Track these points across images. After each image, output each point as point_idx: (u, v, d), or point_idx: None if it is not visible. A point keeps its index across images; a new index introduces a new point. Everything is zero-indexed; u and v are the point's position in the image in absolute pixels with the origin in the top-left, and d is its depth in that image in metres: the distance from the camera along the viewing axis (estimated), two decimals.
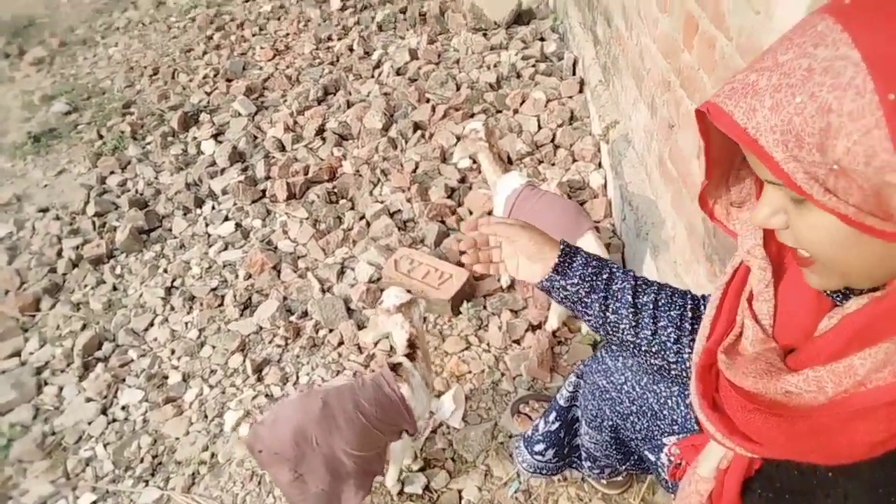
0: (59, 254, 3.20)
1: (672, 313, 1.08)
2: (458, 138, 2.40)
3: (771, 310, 0.83)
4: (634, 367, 1.32)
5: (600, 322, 1.11)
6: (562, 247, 1.12)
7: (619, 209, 2.67)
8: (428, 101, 3.66)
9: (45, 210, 3.55)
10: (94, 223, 3.35)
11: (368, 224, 2.96)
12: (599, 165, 3.02)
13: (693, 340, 1.10)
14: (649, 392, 1.30)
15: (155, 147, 3.87)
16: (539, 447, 1.65)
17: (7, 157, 4.07)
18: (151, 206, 3.41)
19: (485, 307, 2.50)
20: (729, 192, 0.87)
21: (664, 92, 2.16)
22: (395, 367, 1.75)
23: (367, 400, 1.65)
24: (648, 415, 1.32)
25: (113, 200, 3.49)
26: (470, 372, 2.28)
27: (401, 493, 1.95)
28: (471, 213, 2.92)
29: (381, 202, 3.07)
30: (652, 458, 1.37)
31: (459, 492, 1.95)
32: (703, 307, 1.11)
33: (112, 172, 3.74)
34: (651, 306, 1.08)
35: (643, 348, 1.10)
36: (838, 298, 0.77)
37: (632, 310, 1.08)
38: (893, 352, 0.63)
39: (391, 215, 2.99)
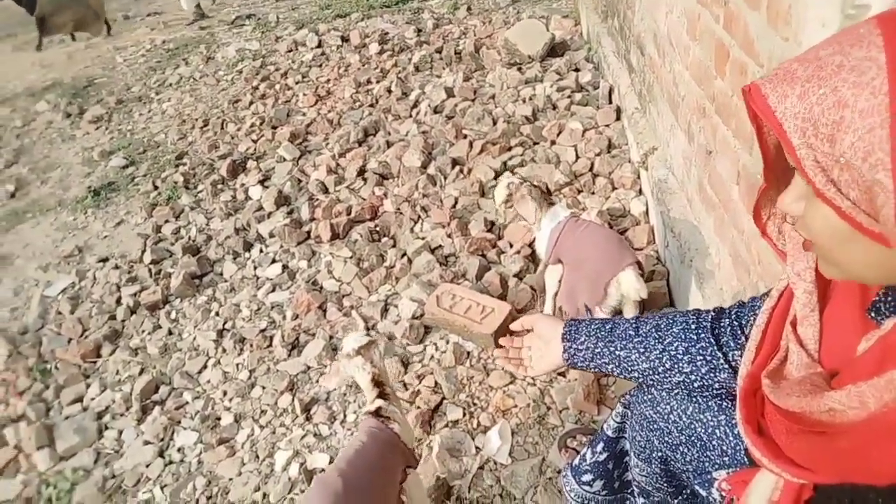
0: (119, 301, 3.35)
1: (674, 329, 1.19)
2: (496, 175, 2.43)
3: (816, 335, 0.83)
4: (680, 395, 1.29)
5: (619, 366, 1.26)
6: (566, 320, 1.31)
7: (661, 236, 2.64)
8: (465, 136, 3.72)
9: (104, 260, 3.73)
10: (150, 270, 3.49)
11: (410, 261, 3.00)
12: (640, 192, 3.00)
13: (705, 349, 1.17)
14: (696, 421, 1.27)
15: (206, 195, 4.04)
16: (587, 477, 1.61)
17: (69, 211, 4.31)
18: (203, 252, 3.54)
19: None
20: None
21: (700, 118, 2.15)
22: (376, 413, 1.77)
23: (374, 455, 1.67)
24: (697, 445, 1.28)
25: (167, 248, 3.64)
26: (516, 406, 2.27)
27: None
28: (511, 245, 2.93)
29: (422, 238, 3.11)
30: (703, 493, 1.33)
31: None
32: (708, 317, 1.19)
33: (167, 221, 3.91)
34: (654, 330, 1.21)
35: (660, 371, 1.20)
36: (880, 320, 0.75)
37: (637, 340, 1.21)
38: None
39: (432, 251, 3.02)
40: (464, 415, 2.28)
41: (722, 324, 1.17)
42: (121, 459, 2.48)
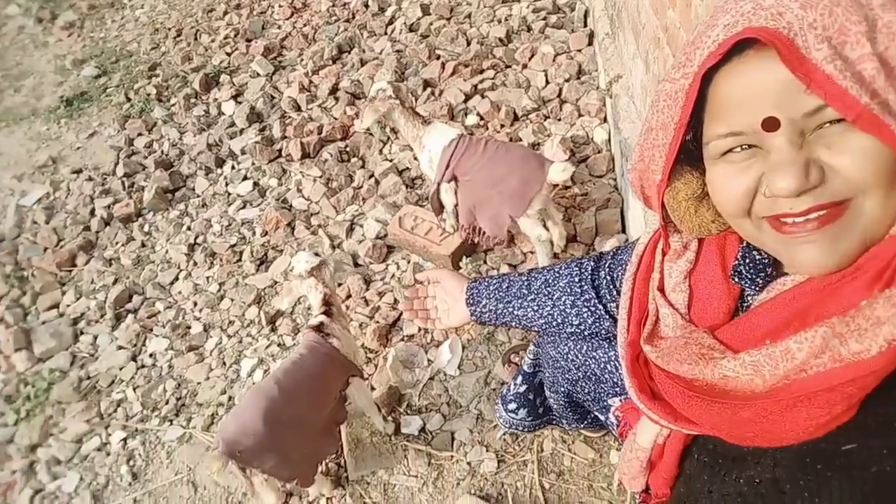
0: (93, 213, 3.41)
1: (560, 283, 1.25)
2: (370, 99, 2.35)
3: (686, 299, 0.87)
4: (576, 336, 1.39)
5: (520, 322, 1.32)
6: (468, 282, 1.36)
7: (619, 164, 2.71)
8: (438, 57, 3.69)
9: (78, 171, 3.76)
10: (123, 183, 3.54)
11: (377, 182, 3.07)
12: (605, 120, 3.04)
13: (588, 301, 1.23)
14: (590, 359, 1.38)
15: (179, 109, 4.02)
16: (512, 406, 1.73)
17: (43, 120, 4.28)
18: (176, 167, 3.57)
19: (484, 262, 2.60)
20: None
21: (655, 48, 2.18)
22: (318, 328, 1.88)
23: (310, 365, 1.80)
24: (593, 379, 1.41)
25: (140, 161, 3.67)
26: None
27: (398, 433, 2.11)
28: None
29: (390, 160, 3.17)
30: (602, 418, 1.48)
31: (452, 433, 2.10)
32: (588, 268, 1.23)
33: (139, 134, 3.91)
34: (543, 286, 1.28)
35: (554, 325, 1.28)
36: (747, 284, 0.80)
37: (531, 297, 1.28)
38: (830, 336, 0.63)
39: (399, 173, 3.09)
40: (419, 330, 2.42)
41: (600, 275, 1.23)
42: (95, 362, 2.63)
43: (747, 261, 0.80)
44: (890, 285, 0.61)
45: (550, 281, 1.28)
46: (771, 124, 0.60)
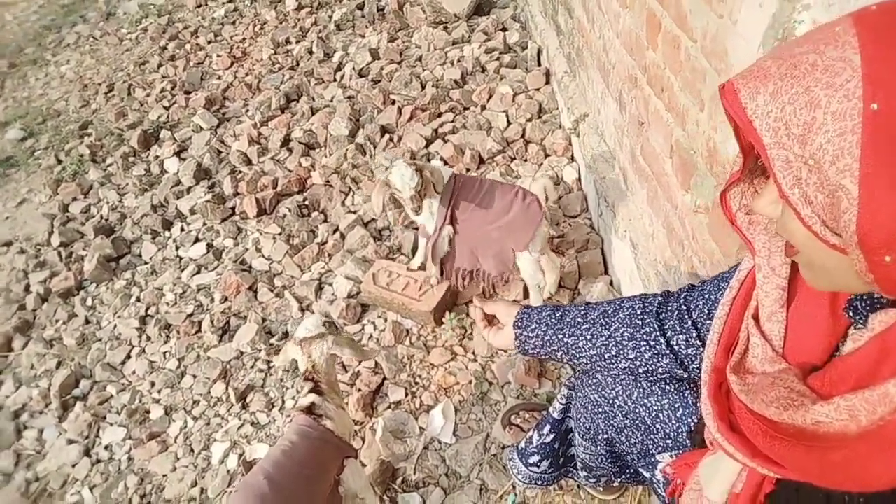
0: (27, 289, 3.12)
1: (621, 315, 1.20)
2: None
3: (782, 331, 0.82)
4: (625, 381, 1.30)
5: (567, 353, 1.26)
6: (520, 307, 1.33)
7: (595, 204, 2.66)
8: (393, 102, 3.60)
9: (8, 244, 3.45)
10: (60, 254, 3.26)
11: (343, 236, 2.91)
12: (572, 159, 3.00)
13: (649, 334, 1.18)
14: (640, 406, 1.28)
15: (116, 169, 3.77)
16: (534, 459, 1.63)
17: None
18: (118, 232, 3.32)
19: (467, 315, 2.47)
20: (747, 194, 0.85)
21: (632, 88, 2.14)
22: (309, 409, 1.73)
23: (301, 454, 1.63)
24: (642, 429, 1.31)
25: (77, 228, 3.40)
26: (458, 383, 2.26)
27: None
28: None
29: (354, 212, 3.02)
30: (647, 475, 1.36)
31: None
32: (655, 301, 1.20)
33: (74, 199, 3.64)
34: (601, 317, 1.23)
35: (607, 358, 1.21)
36: (859, 319, 0.74)
37: (585, 327, 1.23)
38: None
39: (365, 225, 2.94)
40: (406, 395, 2.26)
41: (669, 307, 1.17)
42: (44, 461, 2.34)
43: (864, 295, 0.74)
44: None
45: (610, 312, 1.22)
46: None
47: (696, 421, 1.24)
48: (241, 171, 3.49)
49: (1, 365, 2.78)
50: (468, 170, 3.06)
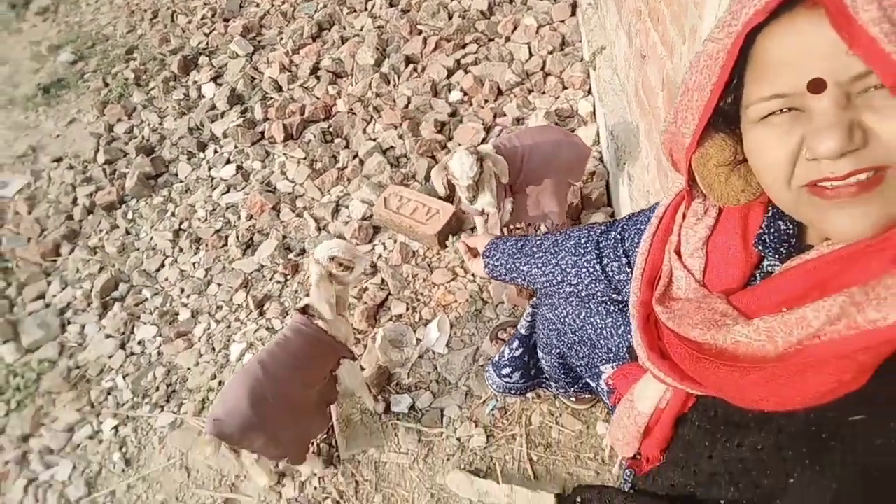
0: (75, 201, 3.37)
1: (568, 244, 1.29)
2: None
3: (702, 265, 0.87)
4: (574, 302, 1.41)
5: (524, 279, 1.39)
6: (489, 240, 1.48)
7: (604, 137, 2.70)
8: (420, 32, 3.64)
9: (59, 160, 3.71)
10: (104, 171, 3.50)
11: (362, 162, 3.04)
12: (589, 92, 3.02)
13: (589, 262, 1.26)
14: (587, 324, 1.40)
15: (158, 93, 3.96)
16: (506, 370, 1.77)
17: (21, 109, 4.21)
18: (158, 152, 3.53)
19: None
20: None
21: (637, 20, 2.15)
22: (304, 310, 1.87)
23: (294, 346, 1.80)
24: (588, 344, 1.42)
25: (121, 148, 3.62)
26: (456, 301, 2.41)
27: (388, 412, 2.12)
28: (460, 146, 2.97)
29: (374, 139, 3.14)
30: (593, 384, 1.49)
31: (442, 410, 2.11)
32: (597, 231, 1.27)
33: (119, 120, 3.85)
34: (552, 246, 1.33)
35: (554, 283, 1.33)
36: (769, 253, 0.80)
37: (538, 255, 1.34)
38: (848, 305, 0.62)
39: (384, 152, 3.06)
40: (407, 309, 2.42)
41: (609, 236, 1.25)
42: (84, 352, 2.62)
43: (772, 230, 0.79)
44: None
45: (560, 241, 1.33)
46: (818, 86, 0.59)
47: None
48: (271, 98, 3.63)
49: (49, 268, 3.06)
50: (486, 101, 3.12)
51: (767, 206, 0.82)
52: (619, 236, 1.23)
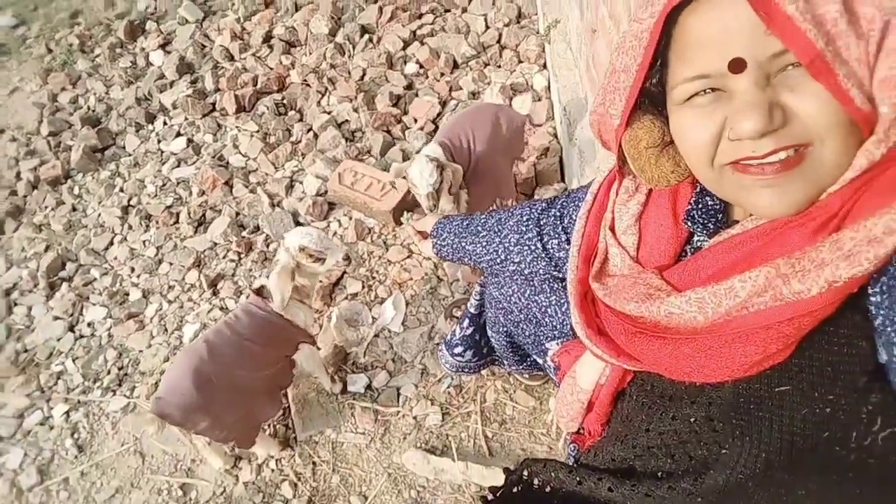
0: (18, 176, 3.26)
1: (511, 222, 1.31)
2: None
3: (636, 241, 0.90)
4: (519, 280, 1.43)
5: (470, 258, 1.40)
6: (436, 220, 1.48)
7: (558, 112, 2.70)
8: (376, 1, 3.55)
9: (0, 132, 3.55)
10: (49, 143, 3.37)
11: (316, 136, 2.99)
12: (544, 66, 3.00)
13: (530, 239, 1.28)
14: (532, 302, 1.42)
15: (104, 60, 3.81)
16: (458, 350, 1.79)
17: None
18: (104, 124, 3.41)
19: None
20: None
21: None
22: (259, 291, 1.85)
23: (244, 327, 1.78)
24: (534, 322, 1.45)
25: (66, 119, 3.49)
26: (411, 279, 2.41)
27: (344, 391, 2.14)
28: (415, 121, 2.94)
29: (329, 112, 3.08)
30: (540, 361, 1.52)
31: (398, 389, 2.13)
32: (538, 208, 1.28)
33: (63, 89, 3.70)
34: (496, 224, 1.35)
35: (498, 262, 1.35)
36: (698, 229, 0.82)
37: (483, 234, 1.36)
38: (774, 276, 0.64)
39: (338, 126, 3.01)
40: (363, 287, 2.42)
41: (550, 213, 1.27)
42: (32, 334, 2.56)
43: (700, 206, 0.82)
44: (836, 232, 0.62)
45: (503, 220, 1.34)
46: (738, 65, 0.61)
47: None
48: (222, 67, 3.52)
49: None
50: (442, 74, 3.08)
51: (695, 182, 0.84)
52: (558, 213, 1.25)
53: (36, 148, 3.37)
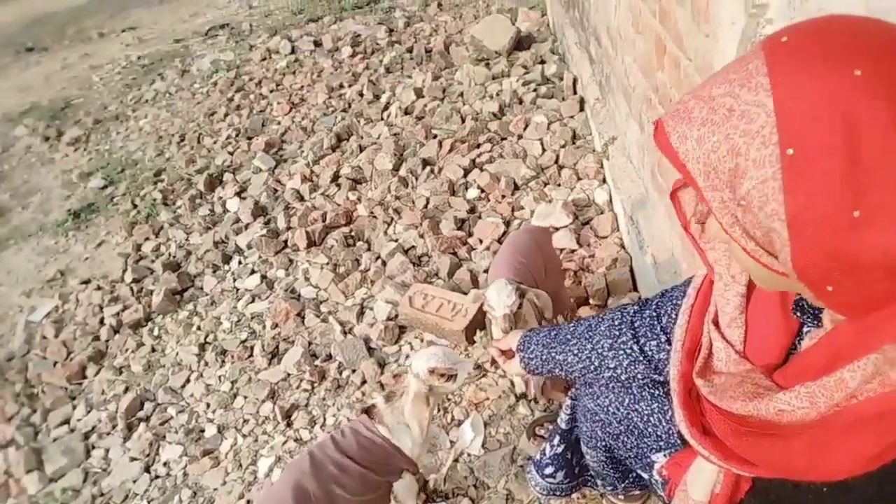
0: (102, 322, 3.39)
1: (602, 328, 1.26)
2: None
3: (742, 335, 0.85)
4: (616, 388, 1.34)
5: (562, 369, 1.34)
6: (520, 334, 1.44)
7: (623, 223, 2.70)
8: (435, 136, 3.76)
9: (87, 282, 3.77)
10: (132, 289, 3.54)
11: (384, 263, 3.06)
12: (603, 181, 3.05)
13: (625, 343, 1.22)
14: (632, 411, 1.32)
15: (184, 210, 4.08)
16: (549, 470, 1.67)
17: (50, 235, 4.35)
18: (183, 268, 3.59)
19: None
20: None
21: (647, 108, 2.20)
22: (367, 410, 1.79)
23: (349, 446, 1.71)
24: (635, 433, 1.34)
25: (148, 266, 3.69)
26: (488, 399, 2.33)
27: None
28: (481, 242, 2.98)
29: (395, 240, 3.17)
30: (645, 476, 1.39)
31: None
32: (631, 311, 1.24)
33: (146, 239, 3.95)
34: (586, 331, 1.29)
35: (592, 369, 1.27)
36: (807, 318, 0.78)
37: (573, 342, 1.30)
38: (882, 362, 0.62)
39: (405, 252, 3.08)
40: (438, 410, 2.33)
41: (644, 315, 1.22)
42: (108, 477, 2.54)
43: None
44: None
45: (593, 326, 1.29)
46: None
47: None
48: (294, 207, 3.72)
49: (75, 391, 3.03)
50: (503, 196, 3.16)
51: None
52: (654, 314, 1.21)
53: (119, 294, 3.54)
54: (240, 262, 3.49)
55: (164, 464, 2.52)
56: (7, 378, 3.16)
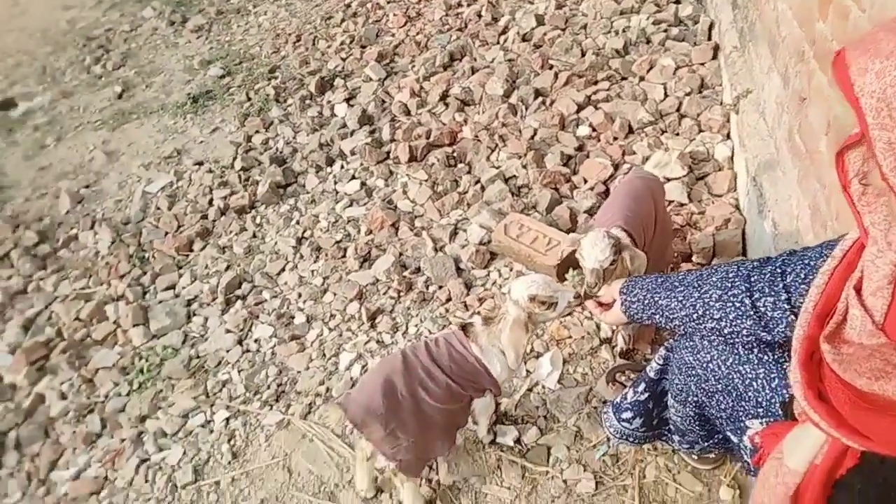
0: (210, 202, 3.59)
1: (714, 278, 1.23)
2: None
3: (886, 306, 0.80)
4: (721, 345, 1.30)
5: (662, 315, 1.33)
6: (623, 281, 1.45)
7: (744, 183, 2.56)
8: (551, 67, 3.65)
9: (200, 163, 3.97)
10: (240, 177, 3.70)
11: (483, 188, 3.05)
12: (727, 137, 2.88)
13: (736, 296, 1.18)
14: (735, 372, 1.28)
15: (295, 109, 4.18)
16: (627, 415, 1.67)
17: (170, 115, 4.57)
18: (289, 164, 3.71)
19: None
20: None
21: (798, 62, 2.04)
22: (464, 328, 1.82)
23: (441, 355, 1.76)
24: (733, 395, 1.31)
25: (257, 157, 3.84)
26: (570, 337, 2.33)
27: (493, 442, 2.06)
28: (585, 181, 2.92)
29: (497, 167, 3.14)
30: (735, 439, 1.36)
31: (549, 448, 2.03)
32: (750, 265, 1.20)
33: (257, 131, 4.09)
34: (696, 279, 1.26)
35: (694, 318, 1.25)
36: None
37: (680, 289, 1.28)
38: None
39: (506, 180, 3.05)
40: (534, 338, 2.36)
41: (764, 270, 1.16)
42: (205, 343, 2.74)
43: None
44: None
45: (705, 276, 1.27)
46: None
47: (791, 394, 1.23)
48: (399, 121, 3.74)
49: (182, 262, 3.25)
50: (615, 138, 3.06)
51: None
52: (778, 270, 1.16)
53: (228, 180, 3.71)
54: (342, 167, 3.57)
55: (256, 340, 2.70)
56: (122, 239, 3.42)
